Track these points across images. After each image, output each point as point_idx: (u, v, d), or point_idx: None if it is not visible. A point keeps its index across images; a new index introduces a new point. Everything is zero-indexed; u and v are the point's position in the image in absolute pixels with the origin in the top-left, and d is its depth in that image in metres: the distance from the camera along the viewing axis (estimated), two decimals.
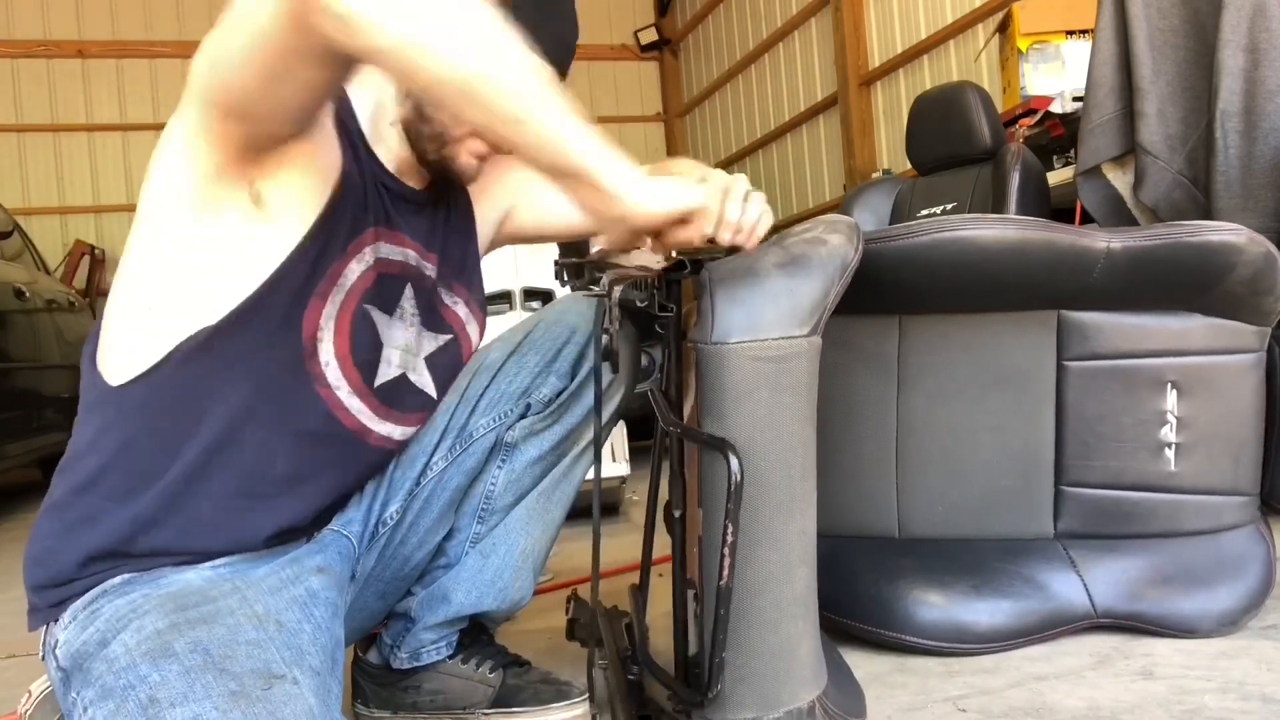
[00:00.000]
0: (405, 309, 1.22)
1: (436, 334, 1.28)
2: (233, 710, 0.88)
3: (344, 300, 1.13)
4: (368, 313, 1.16)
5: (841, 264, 1.08)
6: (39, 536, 1.10)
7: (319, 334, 1.11)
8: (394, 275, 1.20)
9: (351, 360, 1.15)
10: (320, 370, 1.12)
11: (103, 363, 1.10)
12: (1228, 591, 1.49)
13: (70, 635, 1.03)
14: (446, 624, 1.36)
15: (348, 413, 1.16)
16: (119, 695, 0.92)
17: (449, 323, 1.30)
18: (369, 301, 1.16)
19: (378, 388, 1.19)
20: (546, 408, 1.31)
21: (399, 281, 1.21)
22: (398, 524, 1.29)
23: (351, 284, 1.14)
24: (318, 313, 1.11)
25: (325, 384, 1.13)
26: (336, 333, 1.13)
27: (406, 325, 1.23)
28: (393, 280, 1.20)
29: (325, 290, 1.11)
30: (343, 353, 1.14)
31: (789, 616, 1.07)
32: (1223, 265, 1.41)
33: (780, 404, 1.04)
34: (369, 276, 1.16)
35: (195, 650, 0.93)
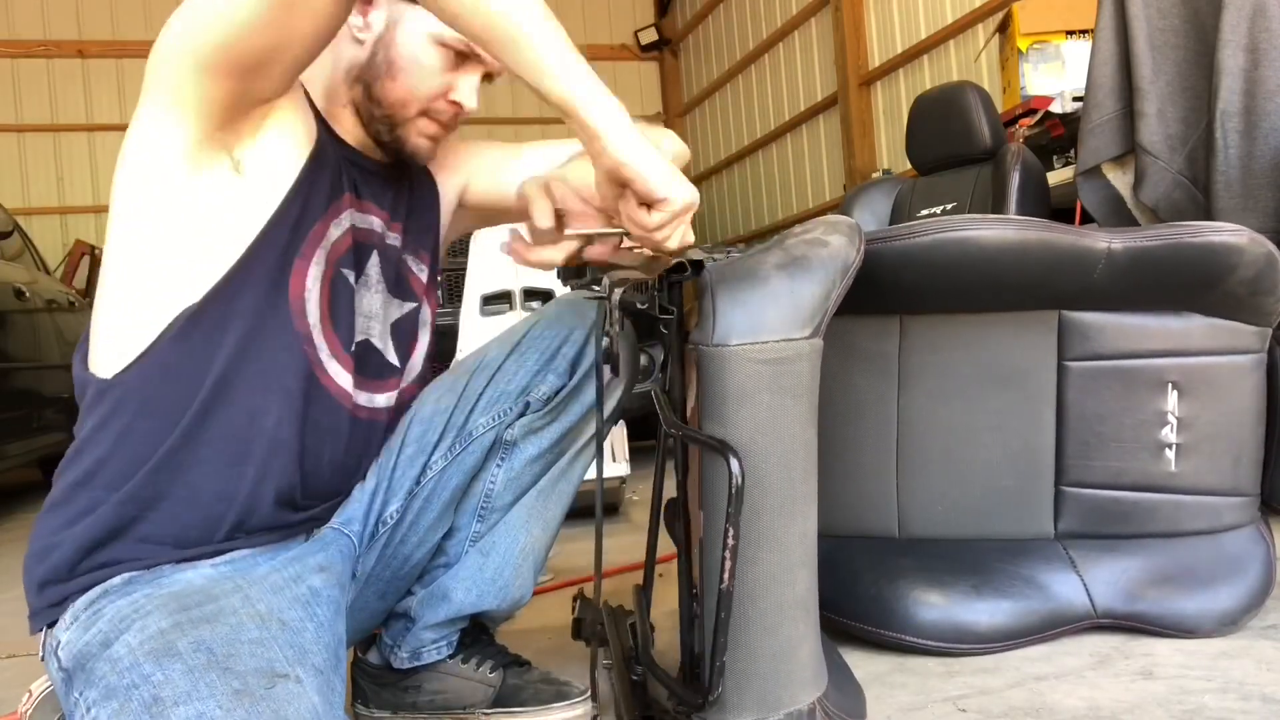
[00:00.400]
0: (371, 276, 1.26)
1: (402, 301, 1.31)
2: (236, 709, 0.88)
3: (326, 261, 1.17)
4: (345, 277, 1.20)
5: (843, 265, 1.08)
6: (40, 534, 1.10)
7: (306, 294, 1.15)
8: (364, 243, 1.24)
9: (330, 322, 1.18)
10: (307, 329, 1.15)
11: (93, 361, 1.11)
12: (1228, 592, 1.49)
13: (72, 636, 1.03)
14: (447, 623, 1.36)
15: (327, 374, 1.18)
16: (123, 695, 0.92)
17: (414, 289, 1.33)
18: (345, 266, 1.20)
19: (354, 353, 1.22)
20: (545, 406, 1.31)
21: (367, 249, 1.25)
22: (398, 523, 1.29)
23: (332, 245, 1.18)
24: (303, 273, 1.14)
25: (310, 342, 1.16)
26: (320, 294, 1.16)
27: (373, 292, 1.26)
28: (364, 247, 1.24)
29: (309, 252, 1.15)
30: (324, 314, 1.17)
31: (789, 619, 1.07)
32: (1224, 266, 1.41)
33: (781, 406, 1.04)
34: (345, 241, 1.20)
35: (199, 649, 0.93)
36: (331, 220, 1.17)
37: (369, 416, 1.25)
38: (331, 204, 1.17)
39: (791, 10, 6.59)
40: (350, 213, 1.21)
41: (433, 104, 1.23)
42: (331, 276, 1.17)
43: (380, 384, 1.27)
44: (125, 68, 7.56)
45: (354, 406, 1.22)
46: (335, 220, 1.18)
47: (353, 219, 1.21)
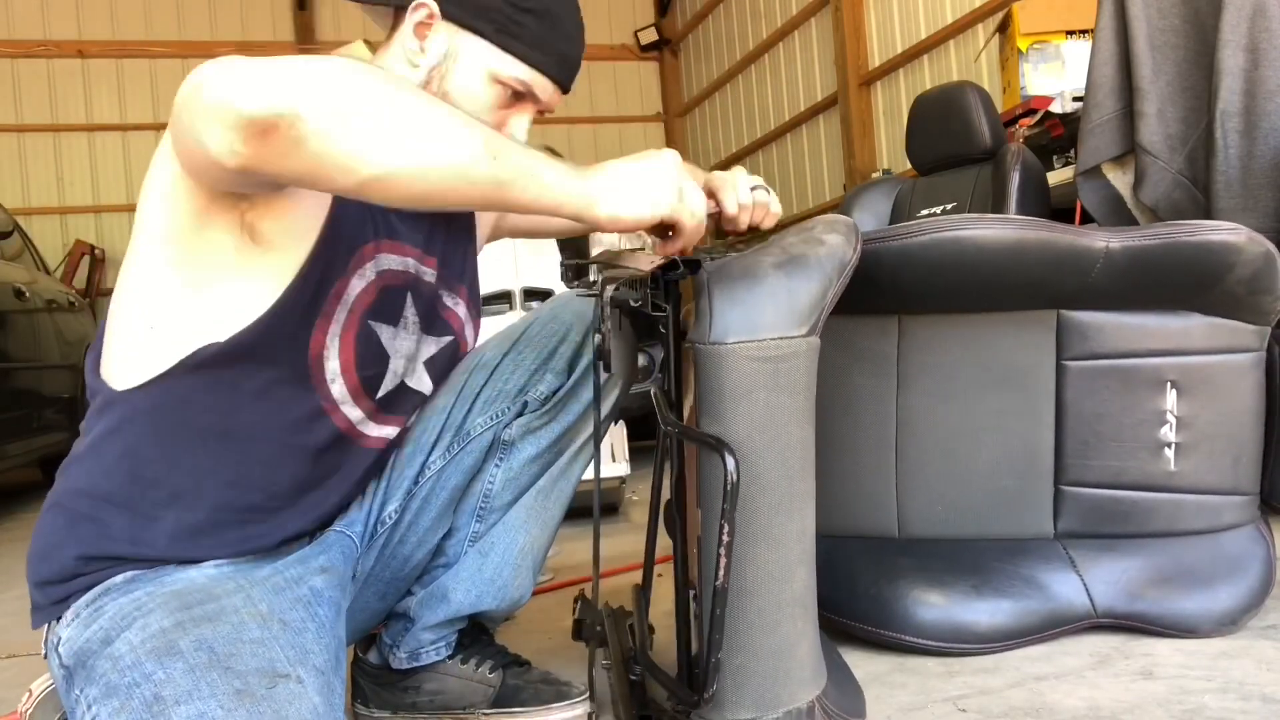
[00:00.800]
0: (407, 318, 1.23)
1: (438, 337, 1.28)
2: (237, 709, 0.88)
3: (348, 318, 1.14)
4: (371, 329, 1.17)
5: (840, 263, 1.08)
6: (42, 532, 1.10)
7: (325, 352, 1.12)
8: (396, 286, 1.20)
9: (356, 375, 1.16)
10: (326, 388, 1.13)
11: (107, 371, 1.10)
12: (1228, 591, 1.49)
13: (74, 633, 1.03)
14: (446, 624, 1.36)
15: (351, 424, 1.18)
16: (124, 693, 0.92)
17: (449, 323, 1.30)
18: (373, 317, 1.17)
19: (380, 399, 1.20)
20: (543, 405, 1.31)
21: (400, 292, 1.21)
22: (396, 523, 1.29)
23: (354, 300, 1.14)
24: (323, 332, 1.12)
25: (330, 400, 1.14)
26: (342, 349, 1.14)
27: (409, 334, 1.23)
28: (395, 291, 1.20)
29: (330, 310, 1.12)
30: (348, 368, 1.15)
31: (788, 617, 1.07)
32: (1222, 265, 1.41)
33: (778, 404, 1.04)
34: (371, 291, 1.16)
35: (200, 648, 0.93)
36: (354, 274, 1.14)
37: (380, 445, 1.24)
38: (354, 257, 1.13)
39: (791, 10, 6.59)
40: (377, 260, 1.16)
41: None
42: (357, 330, 1.15)
43: (404, 416, 1.27)
44: (125, 68, 7.56)
45: (369, 443, 1.22)
46: (359, 272, 1.14)
47: (379, 266, 1.17)
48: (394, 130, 0.89)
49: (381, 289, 1.17)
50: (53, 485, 1.12)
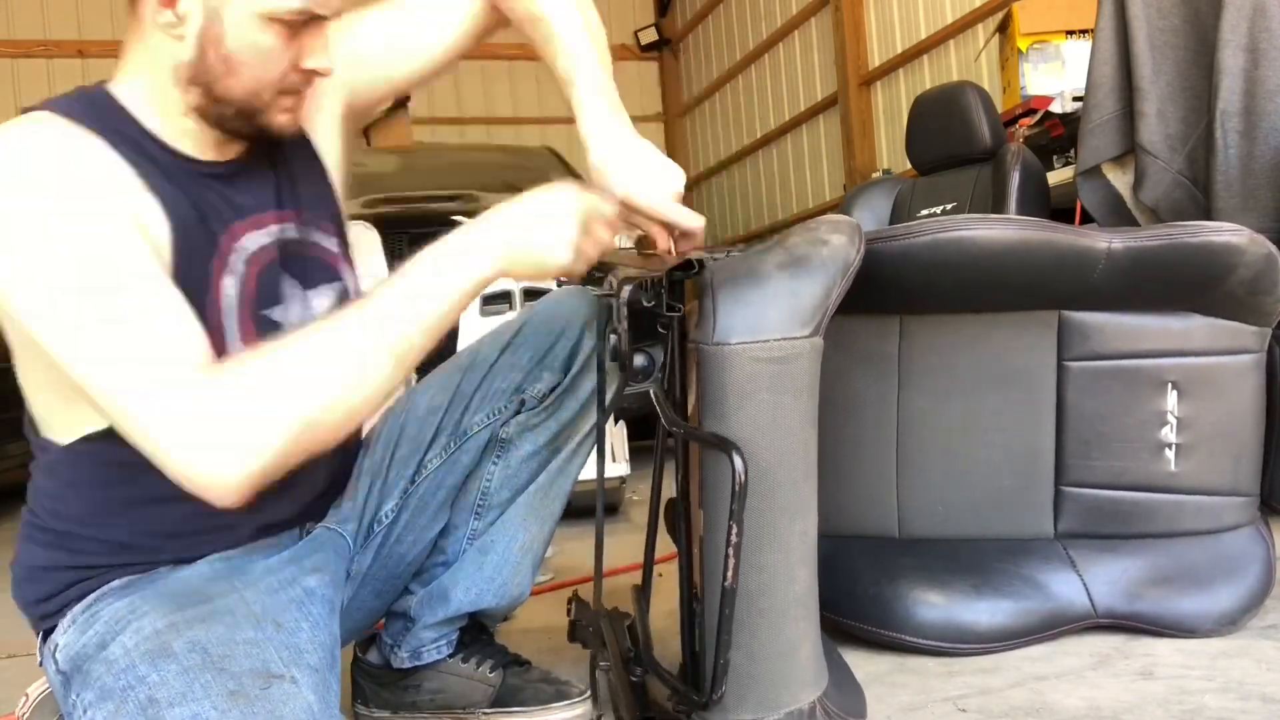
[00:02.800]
0: (286, 289, 1.16)
1: (326, 286, 1.21)
2: (231, 709, 0.88)
3: (239, 321, 1.09)
4: (267, 318, 1.12)
5: (843, 264, 1.08)
6: (23, 559, 1.11)
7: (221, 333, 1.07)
8: (268, 262, 1.13)
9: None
10: None
11: (45, 429, 1.09)
12: (1228, 592, 1.49)
13: (70, 639, 1.03)
14: (446, 622, 1.36)
15: None
16: (118, 696, 0.92)
17: (330, 267, 1.22)
18: (264, 306, 1.12)
19: None
20: (540, 403, 1.30)
21: (274, 270, 1.14)
22: (393, 522, 1.29)
23: (236, 304, 1.09)
24: (221, 346, 1.05)
25: None
26: (242, 331, 1.09)
27: (296, 301, 1.16)
28: (270, 269, 1.13)
29: (216, 323, 1.06)
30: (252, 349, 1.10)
31: (790, 618, 1.07)
32: (1224, 266, 1.41)
33: (782, 405, 1.04)
34: (250, 285, 1.11)
35: (194, 650, 0.93)
36: (222, 276, 1.08)
37: None
38: (214, 259, 1.08)
39: (791, 10, 6.59)
40: (239, 248, 1.10)
41: (286, 80, 1.08)
42: (254, 326, 1.10)
43: None
44: None
45: None
46: (225, 272, 1.08)
47: (244, 253, 1.10)
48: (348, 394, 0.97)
49: (259, 275, 1.11)
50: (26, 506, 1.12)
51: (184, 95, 1.06)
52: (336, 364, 0.96)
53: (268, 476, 0.93)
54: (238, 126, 1.09)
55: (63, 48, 7.45)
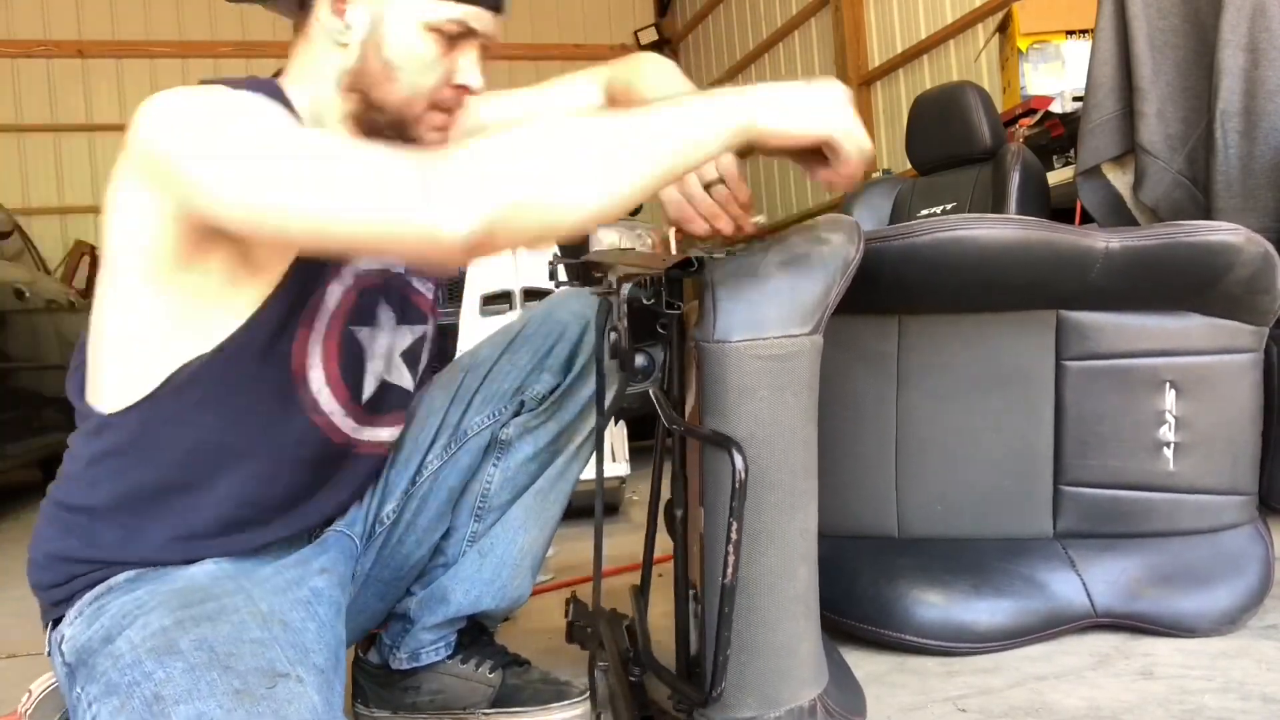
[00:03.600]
0: (381, 318, 1.21)
1: (412, 327, 1.26)
2: (237, 708, 0.88)
3: (328, 326, 1.13)
4: (353, 334, 1.16)
5: (843, 263, 1.08)
6: (39, 540, 1.11)
7: (308, 361, 1.12)
8: (371, 287, 1.19)
9: (342, 382, 1.15)
10: (312, 398, 1.13)
11: (93, 395, 1.09)
12: (1226, 591, 1.49)
13: (76, 631, 1.03)
14: (446, 624, 1.37)
15: (339, 431, 1.17)
16: (124, 692, 0.92)
17: (419, 309, 1.28)
18: (353, 322, 1.16)
19: (366, 402, 1.20)
20: (540, 404, 1.31)
21: (374, 293, 1.20)
22: (394, 523, 1.29)
23: (334, 308, 1.14)
24: (305, 342, 1.11)
25: (318, 410, 1.14)
26: (325, 358, 1.13)
27: (386, 332, 1.22)
28: (370, 293, 1.19)
29: (309, 319, 1.11)
30: (333, 378, 1.14)
31: (790, 615, 1.07)
32: (1221, 265, 1.41)
33: (782, 402, 1.04)
34: (350, 297, 1.16)
35: (200, 648, 0.93)
36: (331, 281, 1.14)
37: (374, 451, 1.23)
38: (331, 264, 1.13)
39: (791, 10, 6.59)
40: (352, 264, 1.16)
41: (438, 94, 1.13)
42: (340, 337, 1.15)
43: (393, 416, 1.25)
44: (125, 68, 7.56)
45: (362, 450, 1.21)
46: (335, 278, 1.14)
47: (355, 269, 1.17)
48: (587, 174, 0.92)
49: (359, 293, 1.17)
50: (48, 492, 1.12)
51: (343, 102, 1.12)
52: (563, 158, 0.93)
53: (492, 237, 0.90)
54: (389, 137, 1.12)
55: (63, 48, 7.45)
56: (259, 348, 1.07)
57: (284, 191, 0.91)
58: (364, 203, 0.90)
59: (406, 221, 0.89)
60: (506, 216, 0.89)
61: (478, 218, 0.88)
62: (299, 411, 1.12)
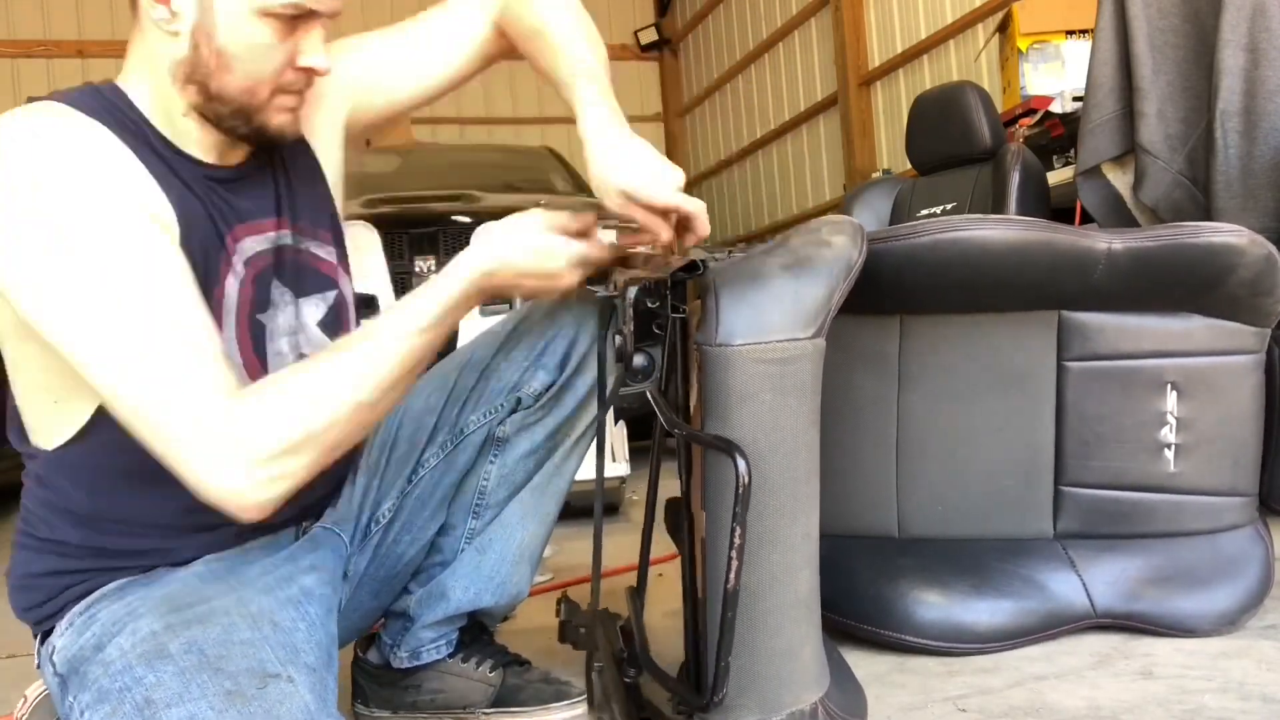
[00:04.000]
0: (276, 295, 1.15)
1: (318, 295, 1.20)
2: (228, 710, 0.88)
3: (236, 323, 1.10)
4: (257, 322, 1.13)
5: (846, 265, 1.08)
6: (17, 568, 1.11)
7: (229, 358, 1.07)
8: (264, 268, 1.14)
9: (260, 367, 1.12)
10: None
11: (34, 435, 1.09)
12: (1227, 591, 1.49)
13: (67, 641, 1.03)
14: (446, 622, 1.37)
15: None
16: (115, 698, 0.92)
17: (325, 274, 1.22)
18: (254, 311, 1.12)
19: None
20: (537, 401, 1.31)
21: (267, 274, 1.14)
22: (390, 522, 1.29)
23: (235, 305, 1.10)
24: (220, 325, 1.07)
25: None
26: (243, 355, 1.10)
27: (284, 309, 1.16)
28: (263, 274, 1.14)
29: (218, 319, 1.06)
30: (253, 367, 1.11)
31: (792, 619, 1.07)
32: (1224, 267, 1.41)
33: (784, 406, 1.04)
34: (247, 289, 1.11)
35: (190, 651, 0.93)
36: (226, 277, 1.09)
37: None
38: (220, 261, 1.08)
39: (791, 10, 6.59)
40: (237, 252, 1.10)
41: (283, 78, 1.07)
42: (249, 330, 1.11)
43: None
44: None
45: None
46: (230, 273, 1.09)
47: (244, 256, 1.11)
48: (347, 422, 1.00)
49: (254, 280, 1.12)
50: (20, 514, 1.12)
51: (182, 94, 1.06)
52: (344, 392, 0.99)
53: (290, 494, 0.96)
54: (235, 126, 1.08)
55: (63, 48, 7.44)
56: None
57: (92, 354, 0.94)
58: (150, 415, 0.94)
59: (180, 463, 0.94)
60: (311, 466, 0.97)
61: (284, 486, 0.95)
62: None
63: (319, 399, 0.97)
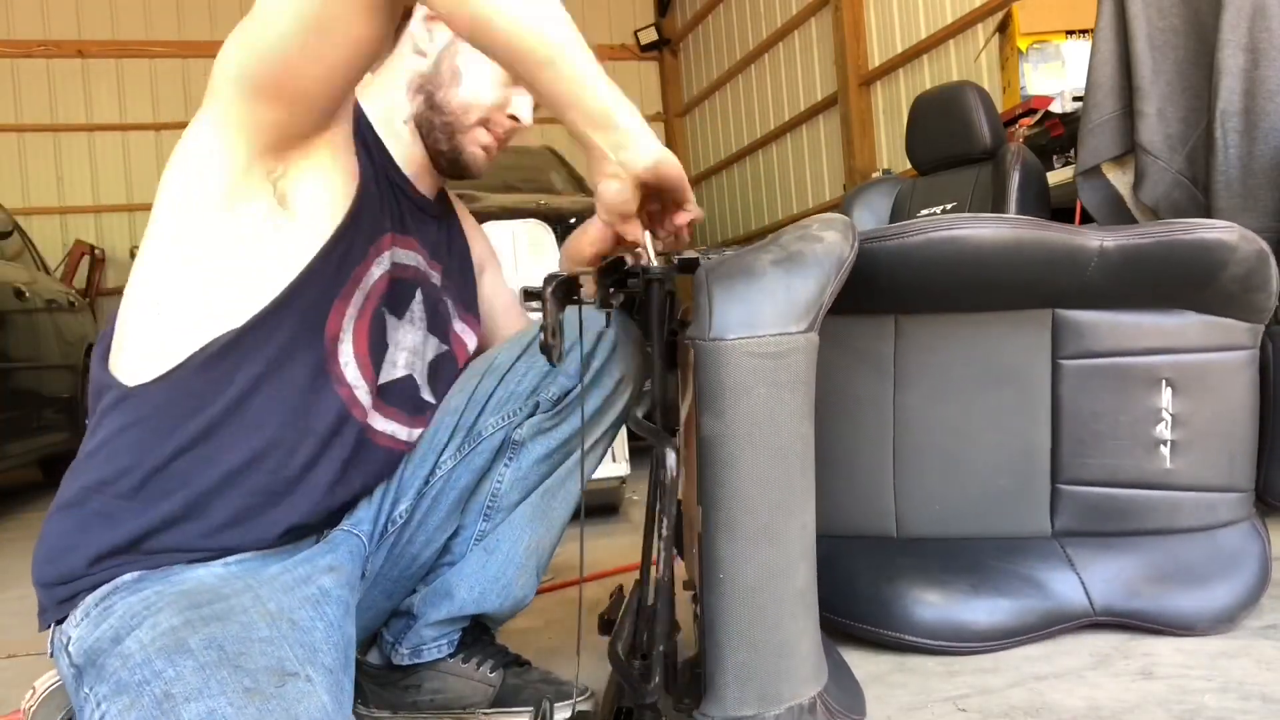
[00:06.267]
0: (415, 312, 1.27)
1: (440, 341, 1.32)
2: (247, 706, 0.88)
3: (364, 302, 1.18)
4: (383, 315, 1.21)
5: (837, 260, 1.08)
6: (50, 534, 1.10)
7: (340, 334, 1.15)
8: (407, 280, 1.25)
9: (370, 360, 1.19)
10: (340, 370, 1.16)
11: (115, 364, 1.10)
12: (1224, 588, 1.49)
13: (83, 632, 1.03)
14: (448, 621, 1.37)
15: (362, 408, 1.19)
16: (134, 691, 0.92)
17: (448, 334, 1.34)
18: (385, 304, 1.21)
19: (383, 386, 1.22)
20: (554, 406, 1.31)
21: (410, 286, 1.26)
22: (406, 522, 1.30)
23: (372, 286, 1.19)
24: (340, 314, 1.15)
25: (344, 383, 1.17)
26: (355, 334, 1.17)
27: (415, 328, 1.27)
28: (405, 284, 1.25)
29: (349, 292, 1.16)
30: (361, 354, 1.18)
31: (789, 613, 1.08)
32: (1216, 263, 1.41)
33: (778, 400, 1.04)
34: (385, 279, 1.21)
35: (210, 646, 0.93)
36: (373, 261, 1.19)
37: (390, 444, 1.25)
38: (373, 245, 1.19)
39: (791, 10, 6.60)
40: (391, 251, 1.22)
41: (492, 114, 1.28)
42: (371, 316, 1.19)
43: (413, 419, 1.28)
44: (125, 68, 7.56)
45: (379, 440, 1.23)
46: (377, 259, 1.19)
47: (394, 257, 1.23)
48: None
49: (393, 280, 1.22)
50: (59, 488, 1.12)
51: (410, 101, 1.27)
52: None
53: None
54: (438, 140, 1.27)
55: (63, 48, 7.45)
56: (296, 314, 1.11)
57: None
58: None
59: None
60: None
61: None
62: (326, 381, 1.15)
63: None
